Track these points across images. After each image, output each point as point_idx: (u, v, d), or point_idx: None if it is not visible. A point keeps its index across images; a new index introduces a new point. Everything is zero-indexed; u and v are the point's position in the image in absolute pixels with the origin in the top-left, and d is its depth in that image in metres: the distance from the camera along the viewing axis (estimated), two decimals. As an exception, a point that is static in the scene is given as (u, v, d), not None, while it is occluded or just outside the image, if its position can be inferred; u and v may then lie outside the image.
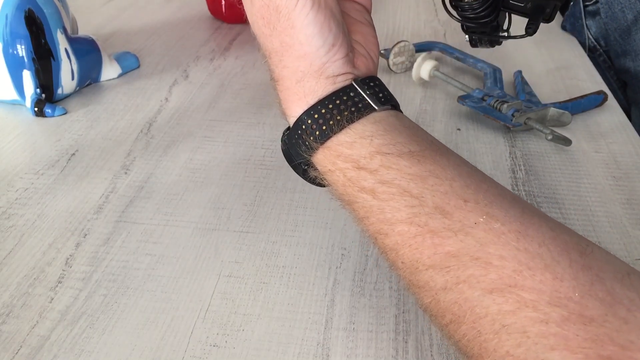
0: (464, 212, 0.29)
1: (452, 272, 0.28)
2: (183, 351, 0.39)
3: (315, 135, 0.34)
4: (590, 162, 0.58)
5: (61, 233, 0.49)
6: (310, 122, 0.34)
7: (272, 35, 0.34)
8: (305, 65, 0.34)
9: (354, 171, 0.33)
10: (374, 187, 0.32)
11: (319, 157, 0.35)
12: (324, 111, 0.34)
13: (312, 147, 0.34)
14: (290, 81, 0.35)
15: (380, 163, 0.32)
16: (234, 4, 0.88)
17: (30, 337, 0.40)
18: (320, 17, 0.33)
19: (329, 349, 0.39)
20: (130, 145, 0.61)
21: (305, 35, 0.33)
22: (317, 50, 0.34)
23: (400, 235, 0.31)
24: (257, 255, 0.47)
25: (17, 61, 0.64)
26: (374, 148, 0.33)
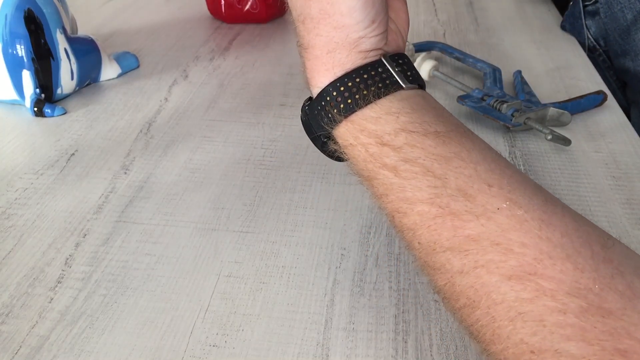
0: (487, 196, 0.29)
1: (471, 256, 0.28)
2: (183, 351, 0.39)
3: (339, 107, 0.33)
4: (590, 162, 0.58)
5: (61, 233, 0.49)
6: (335, 94, 0.33)
7: (312, 1, 0.34)
8: (341, 37, 0.33)
9: (376, 147, 0.32)
10: (396, 165, 0.31)
11: (342, 131, 0.34)
12: (350, 84, 0.33)
13: (335, 119, 0.34)
14: (321, 50, 0.34)
15: (405, 141, 0.31)
16: (234, 3, 0.88)
17: (30, 337, 0.40)
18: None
19: (328, 349, 0.39)
20: (129, 145, 0.61)
21: (348, 7, 0.33)
22: (357, 24, 0.33)
23: (419, 215, 0.30)
24: (256, 255, 0.47)
25: (17, 61, 0.64)
26: (400, 125, 0.32)
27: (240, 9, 0.89)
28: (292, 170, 0.56)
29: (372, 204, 0.52)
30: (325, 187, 0.54)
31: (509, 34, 0.85)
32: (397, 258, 0.46)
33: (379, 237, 0.48)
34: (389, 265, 0.46)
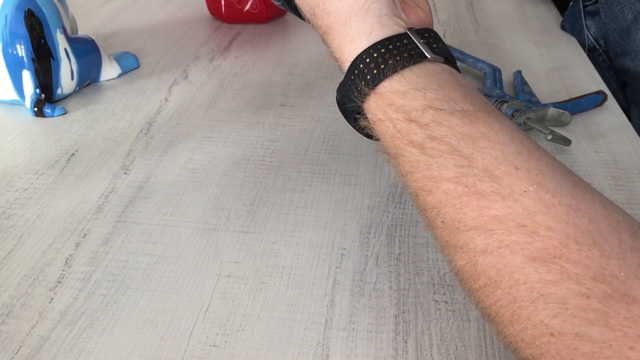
0: (515, 178, 0.29)
1: (496, 236, 0.28)
2: (183, 351, 0.39)
3: (366, 79, 0.34)
4: (590, 162, 0.58)
5: (61, 233, 0.49)
6: (362, 66, 0.34)
7: None
8: (349, 4, 0.35)
9: (404, 123, 0.32)
10: (423, 142, 0.31)
11: (371, 104, 0.34)
12: (375, 55, 0.34)
13: (363, 92, 0.34)
14: (338, 25, 0.35)
15: (432, 118, 0.32)
16: (234, 3, 0.88)
17: (30, 337, 0.40)
18: None
19: (328, 349, 0.39)
20: (129, 145, 0.61)
21: None
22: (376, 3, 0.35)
23: (445, 193, 0.30)
24: (256, 255, 0.47)
25: (17, 61, 0.64)
26: (427, 102, 0.32)
27: (240, 9, 0.89)
28: (292, 170, 0.56)
29: (372, 204, 0.52)
30: (325, 187, 0.54)
31: (509, 34, 0.85)
32: (397, 258, 0.46)
33: (379, 237, 0.48)
34: (389, 265, 0.46)
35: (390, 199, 0.53)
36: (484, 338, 0.40)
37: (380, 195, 0.53)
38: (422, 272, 0.45)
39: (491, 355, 0.39)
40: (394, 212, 0.51)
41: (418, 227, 0.49)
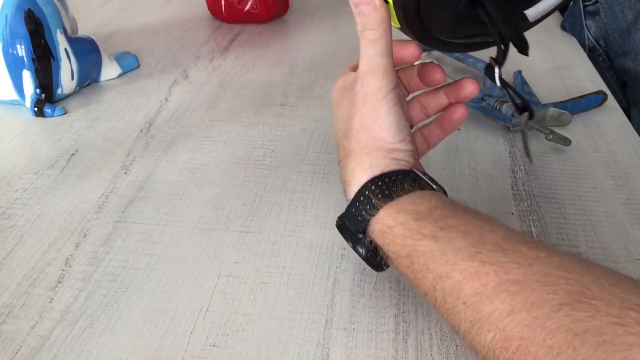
0: (525, 248, 0.32)
1: (519, 297, 0.29)
2: (183, 351, 0.39)
3: (378, 197, 0.38)
4: (590, 162, 0.58)
5: (61, 233, 0.49)
6: (373, 188, 0.39)
7: (355, 115, 0.41)
8: (379, 144, 0.40)
9: (414, 222, 0.36)
10: (434, 233, 0.35)
11: (381, 215, 0.38)
12: (387, 180, 0.39)
13: (375, 206, 0.38)
14: (361, 153, 0.40)
15: (440, 215, 0.36)
16: (234, 3, 0.88)
17: (30, 337, 0.40)
18: (400, 112, 0.41)
19: (328, 349, 0.39)
20: (130, 145, 0.61)
21: (386, 122, 0.40)
22: (393, 137, 0.40)
23: (462, 272, 0.32)
24: (256, 255, 0.47)
25: (17, 61, 0.64)
26: (434, 204, 0.37)
27: (240, 9, 0.89)
28: (292, 170, 0.56)
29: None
30: (325, 187, 0.54)
31: (509, 34, 0.85)
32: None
33: (379, 237, 0.48)
34: (389, 265, 0.46)
35: (390, 199, 0.53)
36: (484, 338, 0.40)
37: (380, 195, 0.53)
38: (422, 272, 0.45)
39: (491, 355, 0.39)
40: (394, 212, 0.51)
41: (418, 227, 0.49)
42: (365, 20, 0.40)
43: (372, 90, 0.40)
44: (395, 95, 0.41)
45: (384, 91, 0.40)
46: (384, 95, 0.40)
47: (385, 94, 0.40)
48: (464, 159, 0.58)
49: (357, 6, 0.40)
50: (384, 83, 0.40)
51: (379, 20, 0.39)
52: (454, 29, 0.40)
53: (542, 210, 0.51)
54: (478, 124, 0.63)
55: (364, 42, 0.40)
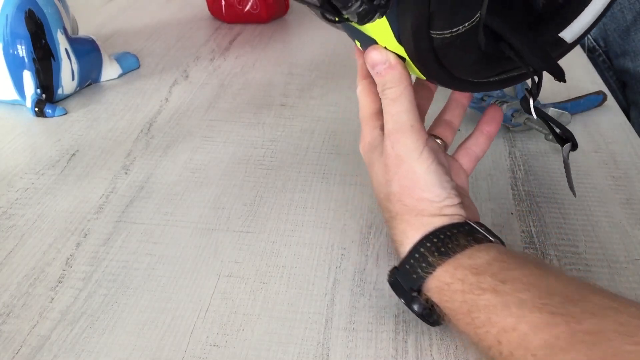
0: (597, 298, 0.31)
1: (596, 348, 0.28)
2: (183, 351, 0.39)
3: (434, 255, 0.37)
4: (590, 162, 0.58)
5: (61, 233, 0.49)
6: (429, 245, 0.38)
7: (393, 180, 0.40)
8: (425, 205, 0.39)
9: (473, 277, 0.35)
10: (495, 287, 0.33)
11: (438, 273, 0.37)
12: (442, 236, 0.38)
13: (431, 264, 0.37)
14: (409, 215, 0.39)
15: (500, 267, 0.35)
16: (234, 4, 0.88)
17: (31, 337, 0.40)
18: (439, 168, 0.40)
19: (328, 349, 0.39)
20: (130, 145, 0.61)
21: (427, 183, 0.39)
22: (437, 197, 0.39)
23: (529, 324, 0.31)
24: (257, 255, 0.47)
25: (18, 61, 0.64)
26: (492, 257, 0.36)
27: (240, 9, 0.89)
28: (292, 170, 0.57)
29: (372, 204, 0.52)
30: (325, 187, 0.54)
31: (509, 34, 0.85)
32: (397, 258, 0.46)
33: (379, 237, 0.48)
34: (389, 265, 0.45)
35: (390, 199, 0.53)
36: (483, 338, 0.40)
37: (380, 195, 0.53)
38: (422, 272, 0.45)
39: (491, 355, 0.39)
40: (394, 212, 0.51)
41: (418, 227, 0.49)
42: (384, 80, 0.39)
43: (404, 152, 0.39)
44: (429, 152, 0.39)
45: (416, 150, 0.39)
46: (418, 155, 0.39)
47: (418, 153, 0.39)
48: (463, 159, 0.58)
49: (374, 68, 0.40)
50: (413, 140, 0.39)
51: (397, 78, 0.39)
52: (483, 69, 0.38)
53: (542, 210, 0.51)
54: (478, 124, 0.63)
55: (385, 101, 0.40)
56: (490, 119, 0.46)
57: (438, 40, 0.35)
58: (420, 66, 0.38)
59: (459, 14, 0.34)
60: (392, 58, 0.39)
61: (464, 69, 0.38)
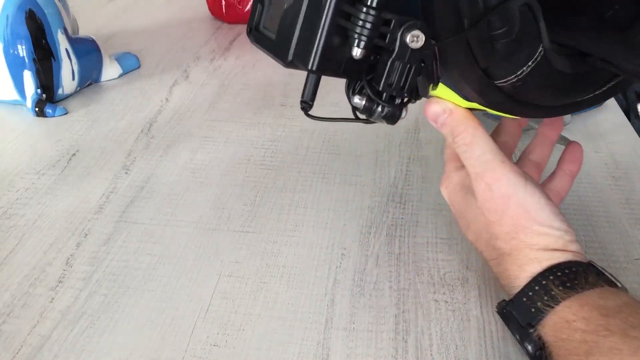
0: None
1: None
2: (183, 351, 0.39)
3: (558, 288, 0.35)
4: (590, 162, 0.58)
5: (62, 233, 0.49)
6: (552, 278, 0.36)
7: (502, 220, 0.38)
8: (549, 241, 0.38)
9: (601, 318, 0.33)
10: (624, 330, 0.32)
11: (560, 308, 0.35)
12: (567, 271, 0.36)
13: (555, 297, 0.35)
14: (529, 249, 0.38)
15: (632, 312, 0.33)
16: (235, 4, 0.88)
17: (31, 337, 0.40)
18: (549, 199, 0.38)
19: (329, 349, 0.39)
20: (130, 146, 0.61)
21: (543, 217, 0.38)
22: (558, 230, 0.38)
23: None
24: (257, 255, 0.47)
25: (18, 61, 0.64)
26: (623, 301, 0.34)
27: (240, 10, 0.89)
28: (293, 170, 0.57)
29: (372, 204, 0.52)
30: (326, 187, 0.54)
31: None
32: (397, 258, 0.46)
33: (379, 237, 0.49)
34: (389, 265, 0.46)
35: (390, 199, 0.53)
36: (484, 338, 0.40)
37: (380, 195, 0.53)
38: (422, 271, 0.45)
39: (491, 355, 0.39)
40: (394, 212, 0.51)
41: (418, 227, 0.49)
42: (451, 128, 0.39)
43: (507, 190, 0.38)
44: (531, 184, 0.38)
45: (520, 185, 0.38)
46: (524, 190, 0.38)
47: (523, 188, 0.38)
48: (464, 159, 0.58)
49: (436, 121, 0.39)
50: (513, 176, 0.38)
51: (463, 123, 0.38)
52: (578, 86, 0.36)
53: (542, 210, 0.51)
54: (478, 124, 0.63)
55: (461, 149, 0.39)
56: (572, 157, 0.45)
57: (508, 87, 0.34)
58: (504, 112, 0.36)
59: (518, 57, 0.33)
60: (450, 105, 0.38)
61: (555, 95, 0.36)
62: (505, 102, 0.35)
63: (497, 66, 0.33)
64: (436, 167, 0.57)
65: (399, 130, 0.62)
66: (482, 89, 0.34)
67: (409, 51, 0.31)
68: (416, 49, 0.31)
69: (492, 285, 0.44)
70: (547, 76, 0.34)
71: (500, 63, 0.33)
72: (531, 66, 0.33)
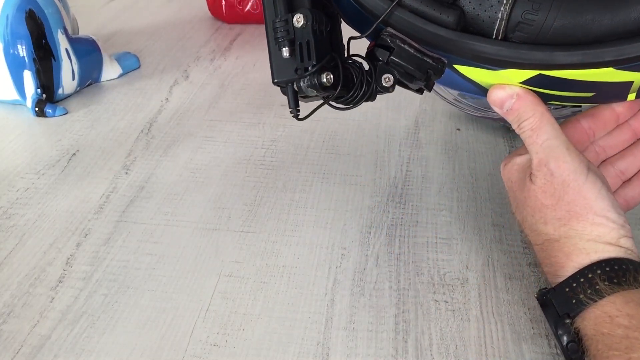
0: None
1: None
2: (183, 350, 0.39)
3: (604, 282, 0.35)
4: (590, 162, 0.58)
5: (62, 233, 0.49)
6: (599, 272, 0.36)
7: (558, 205, 0.38)
8: (602, 231, 0.37)
9: None
10: None
11: (603, 302, 0.35)
12: (616, 267, 0.35)
13: (599, 291, 0.35)
14: (579, 239, 0.37)
15: None
16: (235, 4, 0.89)
17: (31, 337, 0.40)
18: (609, 192, 0.38)
19: (328, 349, 0.39)
20: (130, 145, 0.61)
21: (601, 207, 0.37)
22: (614, 223, 0.37)
23: None
24: (257, 255, 0.47)
25: (18, 61, 0.64)
26: None
27: (240, 10, 0.89)
28: (293, 170, 0.57)
29: (372, 204, 0.52)
30: (326, 187, 0.54)
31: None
32: (397, 258, 0.46)
33: (379, 237, 0.49)
34: (389, 265, 0.46)
35: (390, 199, 0.53)
36: (483, 337, 0.40)
37: (380, 195, 0.53)
38: (422, 271, 0.45)
39: (491, 355, 0.39)
40: (394, 212, 0.51)
41: (418, 227, 0.49)
42: (518, 113, 0.38)
43: (568, 176, 0.37)
44: (594, 173, 0.38)
45: (582, 173, 0.37)
46: (585, 179, 0.37)
47: (584, 176, 0.37)
48: (464, 159, 0.58)
49: (502, 106, 0.38)
50: (576, 163, 0.37)
51: (530, 106, 0.37)
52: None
53: (542, 211, 0.51)
54: (478, 124, 0.64)
55: (526, 134, 0.38)
56: None
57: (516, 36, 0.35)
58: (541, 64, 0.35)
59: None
60: (517, 89, 0.38)
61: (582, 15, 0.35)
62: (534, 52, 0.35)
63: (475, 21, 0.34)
64: (436, 167, 0.57)
65: (399, 130, 0.62)
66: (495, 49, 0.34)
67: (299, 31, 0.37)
68: (300, 27, 0.37)
69: (492, 285, 0.44)
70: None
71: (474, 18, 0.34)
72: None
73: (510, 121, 0.39)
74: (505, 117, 0.39)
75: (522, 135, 0.39)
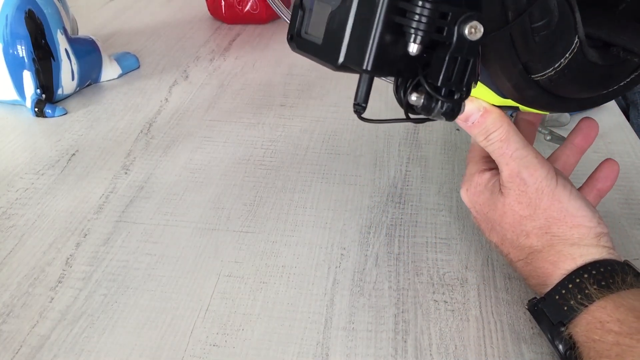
0: None
1: None
2: (183, 351, 0.39)
3: (593, 287, 0.35)
4: (589, 162, 0.58)
5: (61, 233, 0.49)
6: (587, 277, 0.36)
7: (535, 215, 0.38)
8: (582, 232, 0.38)
9: (636, 321, 0.32)
10: None
11: (593, 308, 0.35)
12: (602, 270, 0.36)
13: (589, 296, 0.35)
14: (562, 245, 0.38)
15: None
16: (234, 4, 0.89)
17: (31, 337, 0.40)
18: (579, 193, 0.39)
19: (328, 349, 0.39)
20: (130, 146, 0.61)
21: (575, 207, 0.38)
22: (591, 221, 0.38)
23: None
24: (256, 255, 0.47)
25: (18, 61, 0.64)
26: None
27: (240, 10, 0.89)
28: (292, 170, 0.57)
29: (372, 204, 0.52)
30: (325, 187, 0.54)
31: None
32: (397, 258, 0.47)
33: (378, 237, 0.49)
34: (389, 265, 0.46)
35: (390, 199, 0.53)
36: (483, 337, 0.40)
37: (380, 195, 0.53)
38: (422, 271, 0.45)
39: (490, 355, 0.39)
40: (394, 212, 0.51)
41: (417, 227, 0.49)
42: (485, 126, 0.38)
43: (541, 183, 0.38)
44: (562, 178, 0.39)
45: (552, 178, 0.38)
46: (556, 183, 0.38)
47: (555, 181, 0.38)
48: (463, 159, 0.58)
49: (468, 120, 0.38)
50: (546, 171, 0.38)
51: (498, 119, 0.38)
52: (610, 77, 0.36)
53: (541, 211, 0.51)
54: (477, 125, 0.64)
55: (494, 145, 0.38)
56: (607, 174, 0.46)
57: (545, 80, 0.34)
58: (538, 107, 0.36)
59: (556, 49, 0.33)
60: (484, 103, 0.38)
61: (588, 88, 0.36)
62: (541, 96, 0.35)
63: (537, 59, 0.33)
64: (435, 167, 0.57)
65: (398, 130, 0.62)
66: (520, 83, 0.34)
67: (467, 44, 0.30)
68: (474, 40, 0.30)
69: (492, 285, 0.44)
70: (581, 68, 0.34)
71: (540, 56, 0.33)
72: (568, 58, 0.33)
73: (475, 134, 0.39)
74: (469, 130, 0.39)
75: (490, 148, 0.39)
